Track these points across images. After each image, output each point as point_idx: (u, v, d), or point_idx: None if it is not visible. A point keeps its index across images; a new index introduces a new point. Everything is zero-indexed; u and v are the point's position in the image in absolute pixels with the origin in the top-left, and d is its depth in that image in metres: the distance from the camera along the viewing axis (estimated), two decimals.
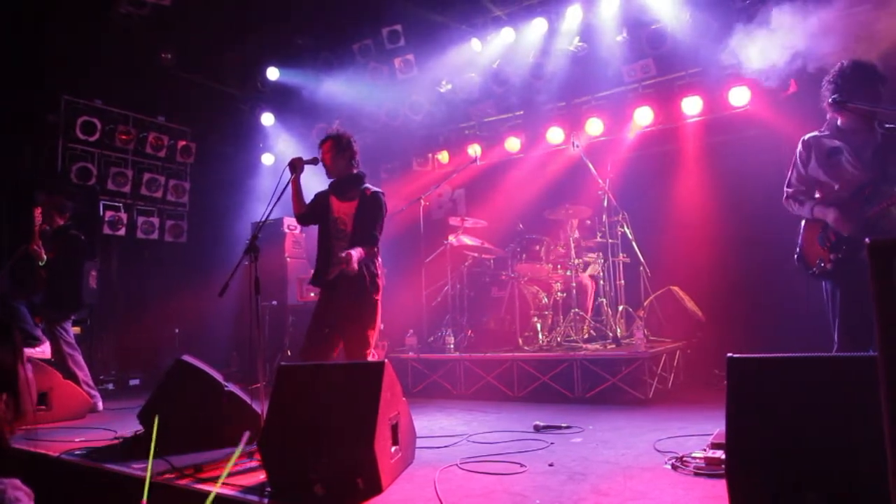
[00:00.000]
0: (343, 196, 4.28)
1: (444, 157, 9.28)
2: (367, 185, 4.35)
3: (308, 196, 4.40)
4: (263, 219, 3.94)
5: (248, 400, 4.08)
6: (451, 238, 7.33)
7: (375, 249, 4.22)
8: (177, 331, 8.55)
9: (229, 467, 3.43)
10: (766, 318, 6.40)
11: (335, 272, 4.16)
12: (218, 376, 4.18)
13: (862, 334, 3.33)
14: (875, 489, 1.94)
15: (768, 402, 2.33)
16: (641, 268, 6.85)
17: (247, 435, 1.53)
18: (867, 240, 1.39)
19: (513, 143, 8.66)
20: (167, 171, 9.07)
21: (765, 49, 5.71)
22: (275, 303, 7.95)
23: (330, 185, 4.35)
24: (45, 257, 5.75)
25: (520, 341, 6.54)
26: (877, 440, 1.37)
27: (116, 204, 8.52)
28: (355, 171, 4.36)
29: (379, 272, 4.21)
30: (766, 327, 6.27)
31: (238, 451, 3.50)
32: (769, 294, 6.48)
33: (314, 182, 4.61)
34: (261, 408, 3.50)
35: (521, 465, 3.31)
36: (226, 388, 4.05)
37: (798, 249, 3.74)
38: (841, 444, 2.12)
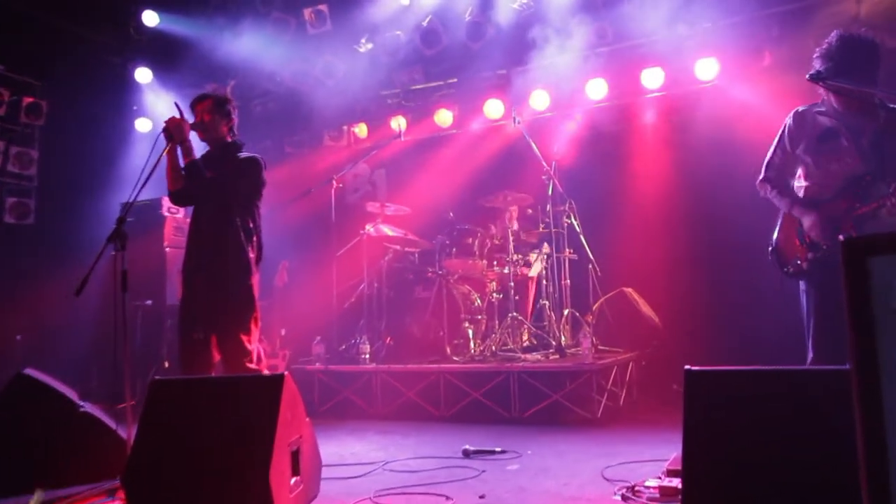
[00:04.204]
0: (215, 169, 4.20)
1: (361, 130, 9.19)
2: (245, 153, 4.35)
3: None
4: (134, 198, 3.80)
5: (110, 424, 3.95)
6: (369, 227, 7.27)
7: (249, 222, 4.18)
8: (18, 338, 8.11)
9: None
10: (733, 326, 6.65)
11: (197, 254, 4.15)
12: (71, 394, 4.05)
13: (839, 343, 3.41)
14: None
15: (731, 422, 2.39)
16: (590, 266, 6.97)
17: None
18: (841, 237, 1.43)
19: (444, 117, 8.65)
20: (7, 135, 8.57)
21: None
22: (149, 302, 7.66)
23: (202, 157, 4.30)
24: None
25: (448, 351, 6.56)
26: (851, 465, 1.42)
27: None
28: (232, 140, 4.37)
29: (252, 253, 4.14)
30: (732, 336, 6.50)
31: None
32: (737, 297, 6.72)
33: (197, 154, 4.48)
34: (127, 433, 3.37)
35: (447, 498, 3.31)
36: (81, 409, 3.92)
37: (773, 244, 3.82)
38: (812, 472, 2.20)
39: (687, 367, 2.50)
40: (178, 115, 4.17)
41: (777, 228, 3.83)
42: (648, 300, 6.98)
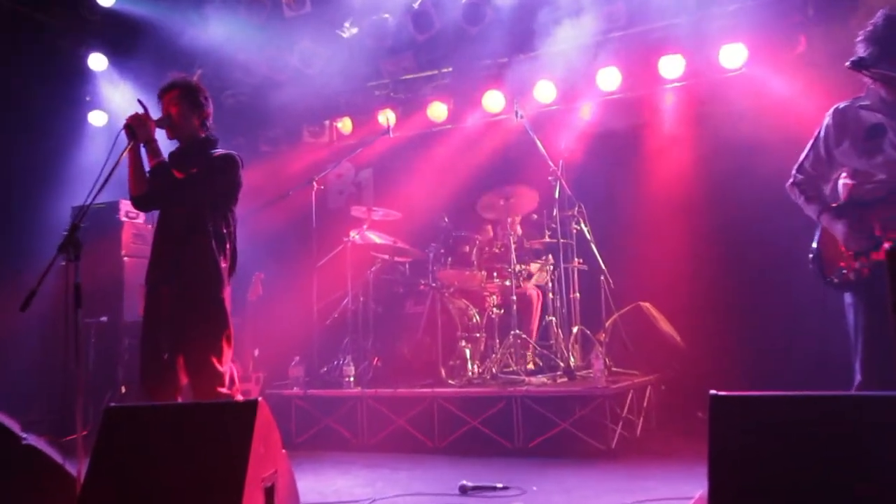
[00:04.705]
0: (186, 169, 4.17)
1: (345, 125, 9.21)
2: (220, 150, 4.32)
3: None
4: (89, 201, 3.78)
5: (57, 458, 3.90)
6: (354, 234, 7.26)
7: (223, 227, 4.16)
8: None
9: None
10: (766, 344, 6.66)
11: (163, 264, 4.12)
12: (12, 424, 3.97)
13: (890, 364, 3.34)
14: None
15: (764, 454, 2.36)
16: (602, 277, 6.96)
17: None
18: (887, 245, 1.42)
19: (438, 110, 8.68)
20: None
21: None
22: (104, 319, 7.64)
23: (169, 156, 4.26)
24: None
25: (443, 373, 6.54)
26: None
27: None
28: (205, 136, 4.33)
29: (224, 263, 4.12)
30: (766, 356, 6.51)
31: None
32: (771, 311, 6.74)
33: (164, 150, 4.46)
34: (78, 469, 3.34)
35: None
36: (23, 442, 3.86)
37: (814, 250, 3.78)
38: None
39: (712, 391, 2.48)
40: (141, 111, 4.15)
41: (818, 232, 3.79)
42: (668, 316, 7.00)
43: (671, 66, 7.44)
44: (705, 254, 7.11)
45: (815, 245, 3.78)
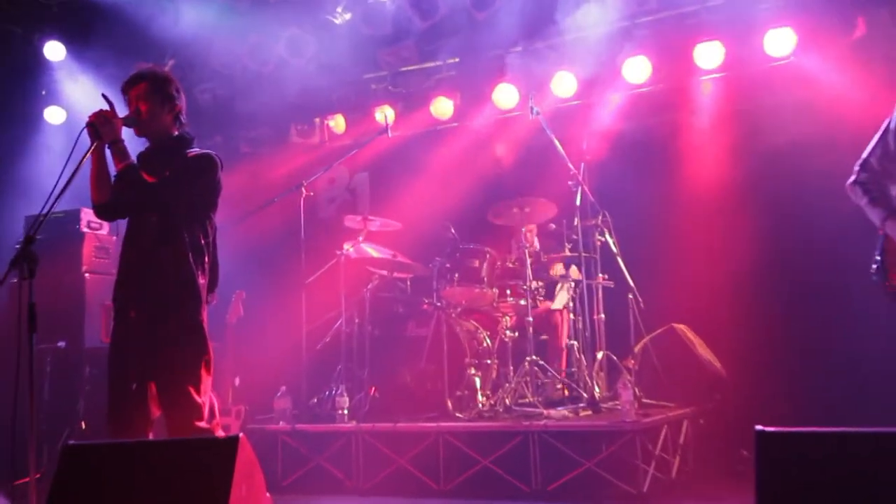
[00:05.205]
0: (157, 171, 4.16)
1: (338, 123, 9.22)
2: (196, 150, 4.32)
3: None
4: (46, 210, 3.78)
5: None
6: (348, 247, 7.26)
7: (200, 238, 4.15)
8: None
9: None
10: (819, 372, 6.62)
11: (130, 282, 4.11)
12: None
13: None
14: None
15: (816, 497, 2.35)
16: (631, 296, 6.93)
17: None
18: None
19: (442, 106, 8.68)
20: None
21: None
22: (62, 344, 7.63)
23: (138, 156, 4.25)
24: None
25: (449, 405, 6.52)
26: None
27: None
28: (178, 134, 4.32)
29: (202, 279, 4.12)
30: (820, 383, 6.47)
31: None
32: (825, 334, 6.69)
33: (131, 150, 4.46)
34: None
35: None
36: None
37: (877, 261, 3.77)
38: None
39: (759, 426, 2.46)
40: (106, 107, 4.15)
41: (882, 239, 3.78)
42: (707, 339, 6.97)
43: (708, 55, 7.40)
44: (748, 268, 7.07)
45: (878, 255, 3.76)
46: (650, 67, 7.70)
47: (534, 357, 6.59)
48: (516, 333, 6.92)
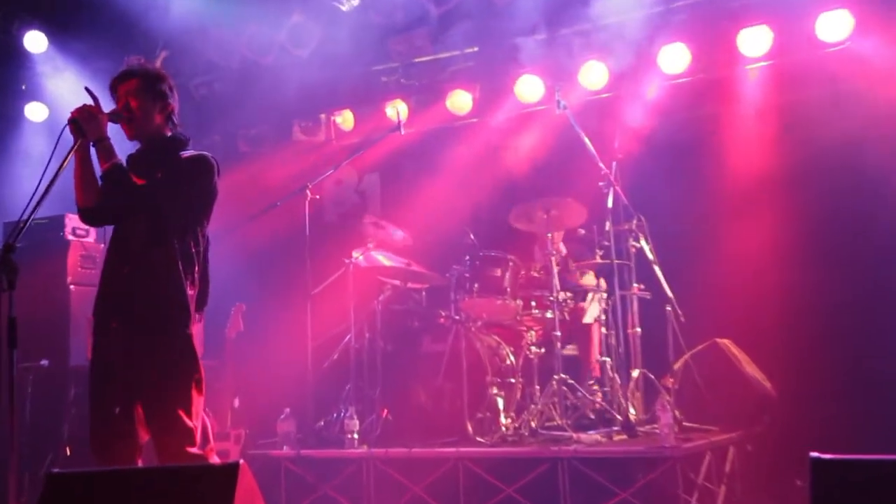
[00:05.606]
0: (148, 174, 4.18)
1: (346, 119, 9.25)
2: (190, 151, 4.33)
3: None
4: (27, 216, 3.78)
5: None
6: (357, 255, 7.27)
7: (191, 246, 4.16)
8: None
9: None
10: (882, 389, 6.57)
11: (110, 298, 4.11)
12: None
13: None
14: None
15: None
16: (669, 308, 6.92)
17: None
18: None
19: (460, 100, 8.69)
20: None
21: None
22: (45, 363, 7.67)
23: (128, 159, 4.27)
24: None
25: (469, 428, 6.50)
26: None
27: None
28: (170, 134, 4.33)
29: (191, 290, 4.12)
30: (883, 404, 6.42)
31: None
32: (885, 348, 6.65)
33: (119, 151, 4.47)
34: None
35: None
36: None
37: None
38: None
39: (814, 453, 2.44)
40: (91, 103, 4.16)
41: None
42: (754, 355, 6.92)
43: (754, 41, 7.38)
44: (799, 277, 7.05)
45: None
46: (689, 56, 7.68)
47: (562, 375, 6.58)
48: (542, 349, 6.91)
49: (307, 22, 8.53)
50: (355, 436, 6.65)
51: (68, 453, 7.31)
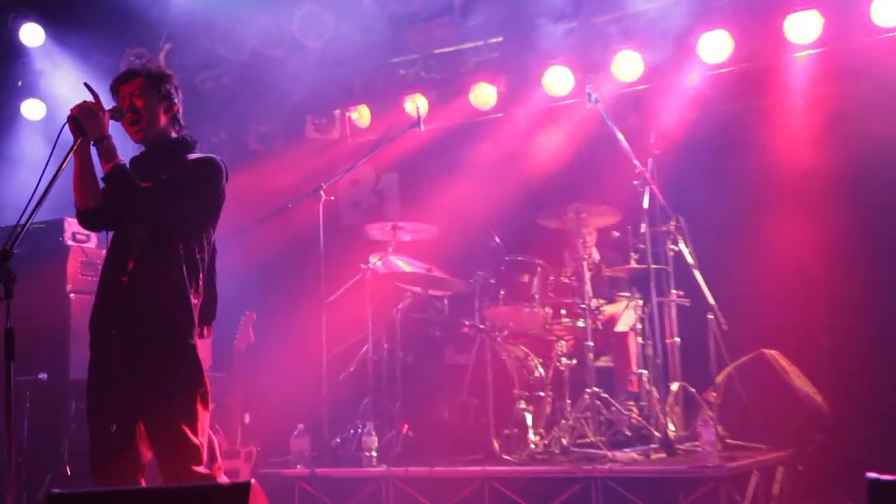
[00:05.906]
0: (152, 176, 4.19)
1: (362, 115, 9.29)
2: (197, 154, 4.35)
3: None
4: (25, 220, 3.80)
5: None
6: (375, 260, 7.29)
7: (196, 251, 4.17)
8: None
9: None
10: None
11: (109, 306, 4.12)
12: None
13: None
14: None
15: None
16: (711, 316, 6.92)
17: None
18: None
19: (484, 94, 8.69)
20: None
21: None
22: (44, 376, 7.72)
23: (131, 162, 4.28)
24: None
25: (495, 445, 6.50)
26: None
27: None
28: (176, 136, 4.35)
29: (195, 298, 4.14)
30: None
31: None
32: None
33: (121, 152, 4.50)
34: None
35: None
36: None
37: None
38: None
39: (871, 474, 2.42)
40: (91, 99, 4.18)
41: None
42: (804, 368, 6.87)
43: (803, 27, 7.34)
44: (851, 283, 7.02)
45: None
46: (731, 44, 7.65)
47: (595, 389, 6.56)
48: (574, 361, 6.91)
49: (320, 11, 8.54)
50: (374, 453, 6.65)
51: (69, 472, 7.34)
